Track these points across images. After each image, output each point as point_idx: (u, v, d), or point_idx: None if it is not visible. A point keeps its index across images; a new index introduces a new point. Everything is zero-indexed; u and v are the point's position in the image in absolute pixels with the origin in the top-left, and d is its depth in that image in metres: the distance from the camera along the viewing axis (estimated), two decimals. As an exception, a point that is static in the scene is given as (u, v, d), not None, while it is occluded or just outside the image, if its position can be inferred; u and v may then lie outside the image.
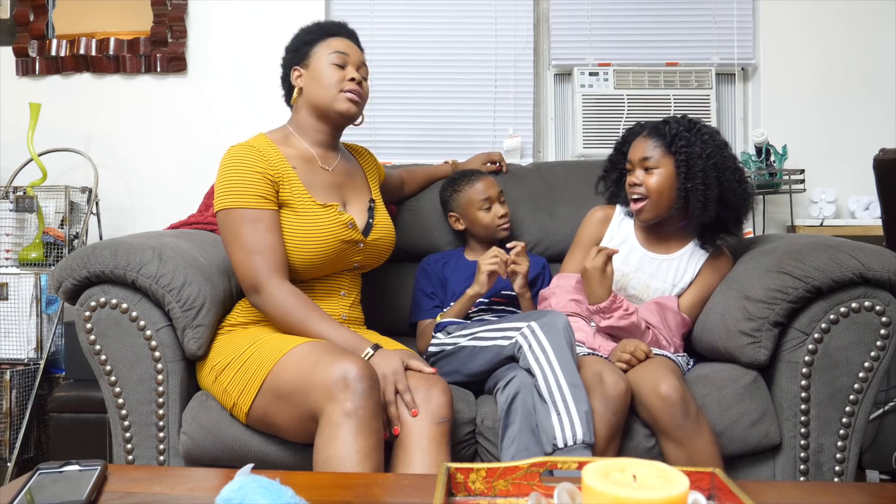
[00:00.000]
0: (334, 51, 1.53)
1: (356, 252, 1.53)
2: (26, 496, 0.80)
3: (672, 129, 1.55)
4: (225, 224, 1.42)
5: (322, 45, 1.54)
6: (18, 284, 2.27)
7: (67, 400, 2.00)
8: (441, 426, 1.26)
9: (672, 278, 1.62)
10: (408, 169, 2.02)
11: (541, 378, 1.31)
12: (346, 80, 1.51)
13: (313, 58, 1.53)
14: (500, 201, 1.84)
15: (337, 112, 1.51)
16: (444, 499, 0.73)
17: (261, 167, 1.43)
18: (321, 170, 1.54)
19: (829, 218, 2.46)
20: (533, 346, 1.34)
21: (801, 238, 1.56)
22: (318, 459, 1.16)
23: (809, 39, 2.59)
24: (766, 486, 0.99)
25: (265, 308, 1.39)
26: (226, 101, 2.61)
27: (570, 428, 1.25)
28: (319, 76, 1.51)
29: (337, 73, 1.51)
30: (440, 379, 1.34)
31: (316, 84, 1.52)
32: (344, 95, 1.51)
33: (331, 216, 1.47)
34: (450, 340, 1.57)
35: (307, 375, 1.21)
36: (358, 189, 1.61)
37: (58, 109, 2.58)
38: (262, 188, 1.41)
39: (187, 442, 1.39)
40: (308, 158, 1.53)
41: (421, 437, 1.24)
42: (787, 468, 1.42)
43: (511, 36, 2.65)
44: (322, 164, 1.55)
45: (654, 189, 1.54)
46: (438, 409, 1.27)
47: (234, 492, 0.72)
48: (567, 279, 1.67)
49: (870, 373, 1.39)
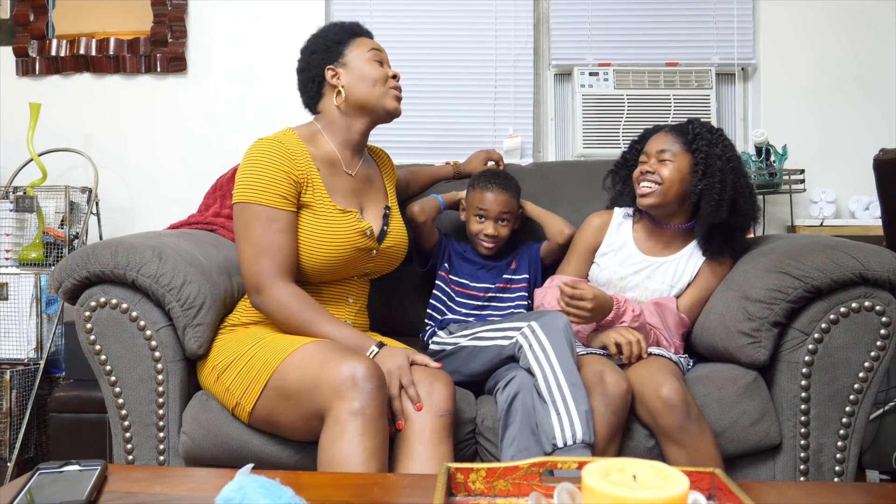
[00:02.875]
0: (372, 48, 1.54)
1: (368, 259, 1.52)
2: (26, 496, 0.80)
3: (695, 129, 1.57)
4: (240, 217, 1.41)
5: (355, 45, 1.54)
6: (18, 284, 2.28)
7: (67, 400, 2.00)
8: (443, 419, 1.27)
9: (670, 279, 1.62)
10: (410, 169, 2.01)
11: (541, 378, 1.31)
12: (389, 77, 1.53)
13: (351, 56, 1.52)
14: (497, 220, 1.76)
15: (385, 109, 1.53)
16: (444, 499, 0.73)
17: (287, 166, 1.41)
18: (344, 174, 1.53)
19: (829, 218, 2.46)
20: (533, 345, 1.35)
21: (800, 238, 1.56)
22: (324, 457, 1.16)
23: (809, 40, 2.59)
24: (766, 486, 0.99)
25: (266, 309, 1.39)
26: (226, 102, 2.61)
27: (570, 427, 1.25)
28: (364, 74, 1.51)
29: (380, 70, 1.52)
30: (443, 373, 1.34)
31: (361, 82, 1.51)
32: (393, 92, 1.53)
33: (349, 223, 1.47)
34: (451, 340, 1.57)
35: (314, 374, 1.21)
36: (375, 195, 1.61)
37: (58, 109, 2.58)
38: (284, 188, 1.40)
39: (187, 442, 1.39)
40: (333, 161, 1.52)
41: (423, 430, 1.25)
42: (787, 468, 1.42)
43: (511, 36, 2.66)
44: (346, 168, 1.54)
45: (666, 178, 1.54)
46: (441, 402, 1.28)
47: (234, 492, 0.72)
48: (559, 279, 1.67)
49: (870, 373, 1.39)
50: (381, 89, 1.51)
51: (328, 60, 1.53)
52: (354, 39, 1.55)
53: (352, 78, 1.51)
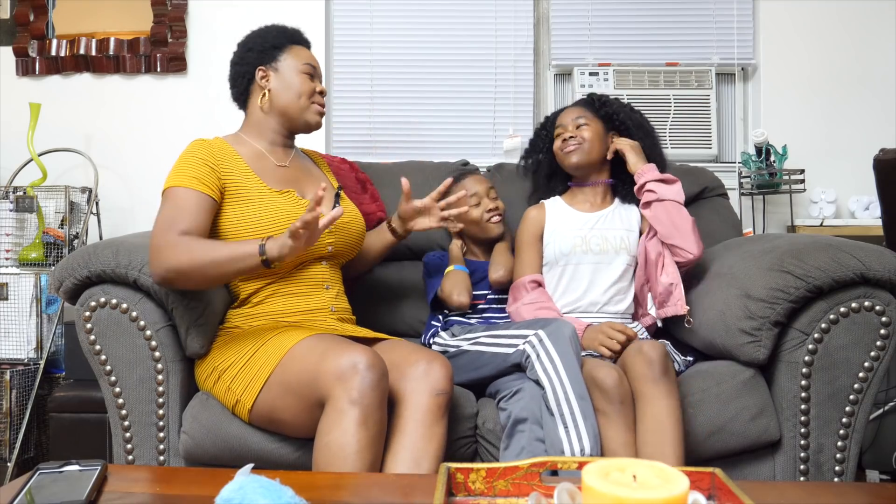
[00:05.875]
0: (307, 62, 1.57)
1: (326, 234, 1.49)
2: (26, 496, 0.80)
3: (598, 98, 1.79)
4: (161, 205, 1.40)
5: (292, 53, 1.57)
6: (18, 284, 2.28)
7: (67, 400, 2.00)
8: (439, 398, 1.29)
9: (622, 224, 1.70)
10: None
11: (549, 391, 1.32)
12: (316, 92, 1.57)
13: (284, 63, 1.56)
14: (489, 196, 1.81)
15: (305, 122, 1.57)
16: (444, 499, 0.73)
17: (209, 158, 1.44)
18: (275, 165, 1.55)
19: (829, 218, 2.46)
20: (541, 356, 1.36)
21: (801, 237, 1.56)
22: (319, 443, 1.18)
23: (809, 39, 2.59)
24: (766, 486, 1.00)
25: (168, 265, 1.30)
26: (226, 102, 2.57)
27: (578, 442, 1.27)
28: (291, 83, 1.55)
29: (308, 83, 1.56)
30: (439, 354, 1.36)
31: (287, 90, 1.55)
32: (315, 107, 1.57)
33: (289, 201, 1.47)
34: (453, 343, 1.57)
35: (315, 364, 1.22)
36: (315, 182, 1.60)
37: (58, 109, 2.58)
38: (201, 172, 1.41)
39: (187, 442, 1.39)
40: (260, 156, 1.54)
41: (417, 408, 1.27)
42: (787, 468, 1.42)
43: (511, 36, 2.66)
44: (276, 161, 1.56)
45: (587, 138, 1.69)
46: (437, 382, 1.29)
47: (234, 492, 0.72)
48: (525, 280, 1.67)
49: (870, 373, 1.39)
50: (304, 102, 1.55)
51: (261, 61, 1.57)
52: (292, 47, 1.59)
53: (279, 84, 1.55)
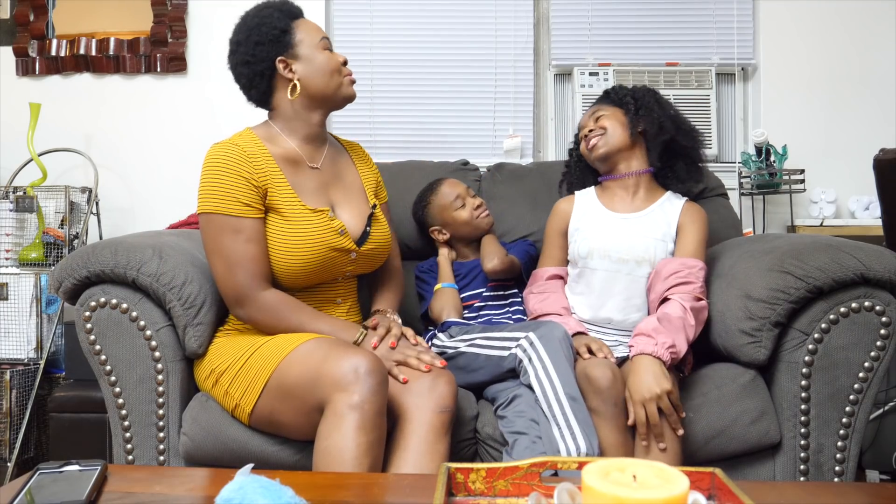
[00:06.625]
0: (322, 36, 1.49)
1: (348, 262, 1.48)
2: (26, 496, 0.80)
3: (610, 90, 1.74)
4: (206, 229, 1.39)
5: (301, 31, 1.47)
6: (18, 284, 2.28)
7: (67, 400, 2.00)
8: (443, 416, 1.27)
9: (657, 230, 1.59)
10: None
11: (540, 394, 1.33)
12: (342, 64, 1.50)
13: (301, 46, 1.46)
14: (469, 195, 1.84)
15: (343, 97, 1.50)
16: (444, 499, 0.73)
17: (246, 172, 1.37)
18: (309, 169, 1.49)
19: (829, 218, 2.46)
20: (533, 359, 1.37)
21: (801, 237, 1.56)
22: (319, 447, 1.16)
23: (809, 39, 2.59)
24: (766, 486, 0.99)
25: (254, 319, 1.38)
26: (226, 101, 2.61)
27: (573, 441, 1.27)
28: (318, 65, 1.46)
29: (333, 58, 1.49)
30: (446, 371, 1.34)
31: (317, 73, 1.46)
32: (349, 79, 1.51)
33: (322, 222, 1.42)
34: (451, 344, 1.58)
35: (316, 367, 1.21)
36: (348, 190, 1.55)
37: (58, 109, 2.58)
38: (245, 194, 1.37)
39: (187, 442, 1.39)
40: (295, 159, 1.48)
41: (421, 425, 1.25)
42: (787, 468, 1.42)
43: (511, 36, 2.66)
44: (310, 163, 1.50)
45: (608, 126, 1.64)
46: (442, 399, 1.28)
47: (234, 492, 0.72)
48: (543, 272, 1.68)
49: (870, 373, 1.39)
50: (337, 79, 1.48)
51: (278, 51, 1.45)
52: (298, 24, 1.48)
53: (307, 69, 1.45)
